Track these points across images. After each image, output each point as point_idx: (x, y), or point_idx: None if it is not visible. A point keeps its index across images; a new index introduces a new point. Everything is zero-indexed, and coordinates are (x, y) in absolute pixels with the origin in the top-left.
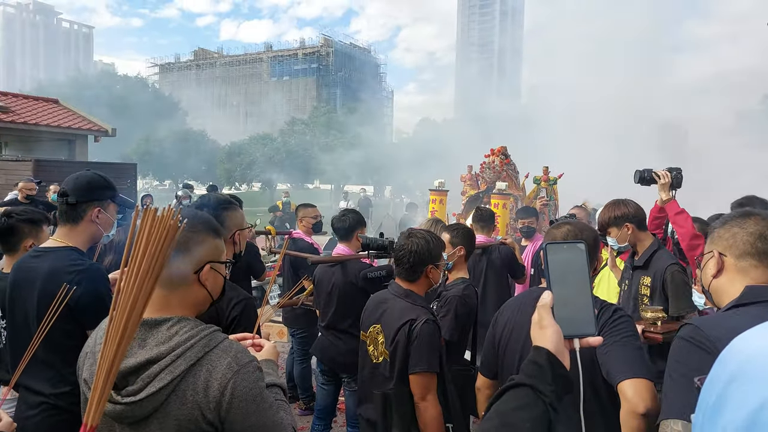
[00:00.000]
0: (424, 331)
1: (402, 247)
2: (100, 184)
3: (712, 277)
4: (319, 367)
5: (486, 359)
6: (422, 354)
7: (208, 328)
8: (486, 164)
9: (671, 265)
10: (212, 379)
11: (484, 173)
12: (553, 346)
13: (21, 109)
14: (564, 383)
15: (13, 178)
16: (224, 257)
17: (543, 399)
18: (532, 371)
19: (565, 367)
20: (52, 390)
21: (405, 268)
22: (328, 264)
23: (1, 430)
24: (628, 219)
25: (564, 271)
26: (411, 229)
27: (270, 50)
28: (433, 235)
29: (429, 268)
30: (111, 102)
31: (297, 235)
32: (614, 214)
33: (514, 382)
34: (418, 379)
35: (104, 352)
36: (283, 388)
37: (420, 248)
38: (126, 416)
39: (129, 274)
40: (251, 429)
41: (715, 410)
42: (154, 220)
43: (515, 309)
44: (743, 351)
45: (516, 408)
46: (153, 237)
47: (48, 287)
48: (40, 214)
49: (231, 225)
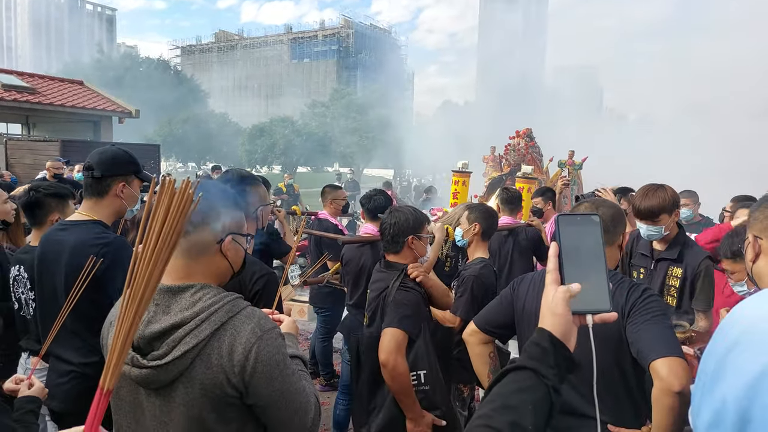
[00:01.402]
0: (397, 296)
1: (384, 221)
2: (124, 159)
3: (752, 263)
4: (345, 345)
5: (489, 314)
6: (394, 313)
7: (230, 294)
8: (511, 146)
9: (706, 259)
10: (236, 343)
11: (508, 155)
12: (558, 328)
13: (47, 90)
14: (568, 365)
15: (41, 159)
16: (245, 230)
17: (545, 382)
18: (534, 353)
19: (569, 349)
20: (81, 359)
21: (387, 240)
22: (357, 244)
23: (34, 395)
24: (677, 205)
25: (577, 244)
26: (393, 206)
27: (290, 32)
28: (416, 209)
29: (410, 239)
30: (134, 84)
31: (322, 215)
32: (668, 199)
33: (516, 364)
34: (385, 336)
35: (122, 316)
36: (303, 360)
37: (399, 220)
38: (152, 381)
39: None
40: (275, 394)
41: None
42: (172, 190)
43: (535, 283)
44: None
45: (517, 390)
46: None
47: (75, 260)
48: (65, 188)
49: (254, 201)
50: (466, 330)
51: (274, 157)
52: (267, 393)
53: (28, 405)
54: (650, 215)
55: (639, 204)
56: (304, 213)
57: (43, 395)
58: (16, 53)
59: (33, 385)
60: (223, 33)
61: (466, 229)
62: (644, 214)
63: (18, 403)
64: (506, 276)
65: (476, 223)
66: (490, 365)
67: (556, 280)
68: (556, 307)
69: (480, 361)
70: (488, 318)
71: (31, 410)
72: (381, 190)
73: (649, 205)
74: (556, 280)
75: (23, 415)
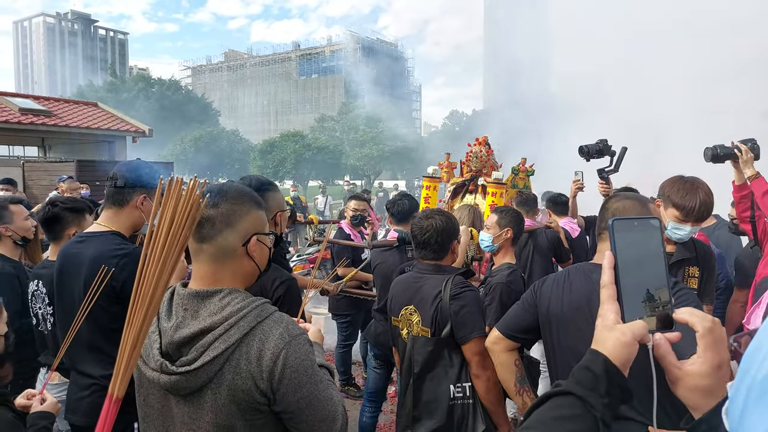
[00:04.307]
0: (468, 297)
1: (426, 228)
2: (147, 172)
3: None
4: (372, 351)
5: (512, 319)
6: (475, 319)
7: (258, 299)
8: (472, 153)
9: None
10: (265, 348)
11: (470, 162)
12: (617, 355)
13: (63, 112)
14: (623, 396)
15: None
16: (267, 229)
17: (593, 413)
18: (584, 379)
19: (625, 378)
20: (102, 372)
21: (433, 247)
22: (385, 248)
23: (47, 410)
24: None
25: (635, 252)
26: (425, 211)
27: (298, 49)
28: (448, 212)
29: (454, 243)
30: (147, 104)
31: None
32: (711, 197)
33: (562, 388)
34: (473, 347)
35: (130, 321)
36: (330, 369)
37: (445, 225)
38: (181, 387)
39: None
40: (303, 401)
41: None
42: (179, 191)
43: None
44: None
45: (560, 418)
46: (178, 208)
47: (94, 271)
48: (82, 203)
49: (273, 206)
50: (489, 338)
51: (285, 172)
52: (295, 399)
53: (41, 421)
54: (706, 215)
55: (691, 203)
56: (321, 222)
57: (56, 410)
58: (32, 78)
59: (45, 400)
60: (233, 52)
61: (497, 234)
62: (700, 215)
63: (30, 419)
64: (526, 279)
65: (508, 228)
66: (516, 373)
67: (613, 295)
68: (622, 334)
69: (506, 370)
70: (512, 323)
71: (44, 426)
72: (406, 194)
73: (708, 204)
74: (613, 296)
75: (36, 431)
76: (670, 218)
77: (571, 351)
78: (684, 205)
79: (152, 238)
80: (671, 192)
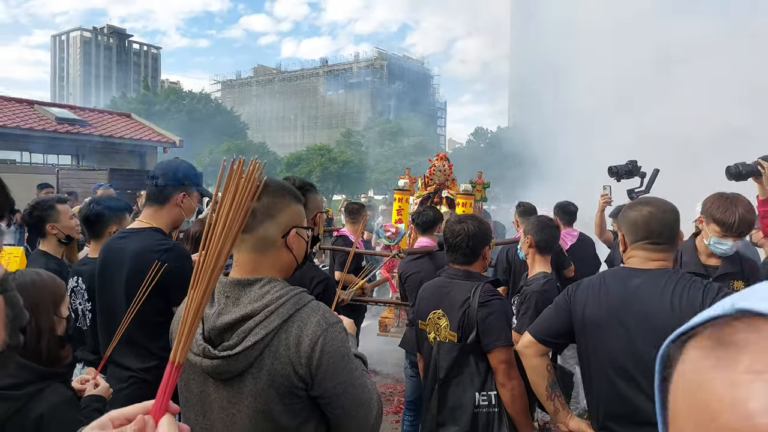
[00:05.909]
0: (496, 305)
1: (458, 233)
2: (187, 172)
3: None
4: (408, 359)
5: (545, 323)
6: (501, 327)
7: (296, 288)
8: (436, 167)
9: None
10: (303, 335)
11: (434, 176)
12: None
13: (97, 122)
14: None
15: (90, 187)
16: (306, 223)
17: None
18: None
19: None
20: (140, 365)
21: (464, 251)
22: (415, 257)
23: (100, 394)
24: None
25: None
26: (457, 215)
27: (326, 65)
28: (480, 218)
29: (486, 249)
30: (177, 117)
31: (342, 232)
32: (751, 213)
33: None
34: (500, 355)
35: (194, 285)
36: (363, 360)
37: (477, 230)
38: (222, 371)
39: (217, 219)
40: (340, 386)
41: None
42: (240, 171)
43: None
44: None
45: None
46: (239, 187)
47: (137, 266)
48: (123, 202)
49: (312, 207)
50: (520, 342)
51: None
52: (332, 385)
53: (94, 404)
54: (747, 230)
55: (731, 219)
56: (326, 230)
57: (108, 394)
58: (67, 90)
59: (99, 384)
60: (262, 67)
61: (523, 242)
62: (739, 230)
63: (84, 401)
64: None
65: (529, 235)
66: (548, 378)
67: None
68: None
69: (538, 375)
70: (544, 328)
71: (96, 409)
72: (431, 207)
73: (748, 220)
74: None
75: (89, 413)
76: (712, 233)
77: (606, 355)
78: (724, 220)
79: (217, 209)
80: (712, 208)
